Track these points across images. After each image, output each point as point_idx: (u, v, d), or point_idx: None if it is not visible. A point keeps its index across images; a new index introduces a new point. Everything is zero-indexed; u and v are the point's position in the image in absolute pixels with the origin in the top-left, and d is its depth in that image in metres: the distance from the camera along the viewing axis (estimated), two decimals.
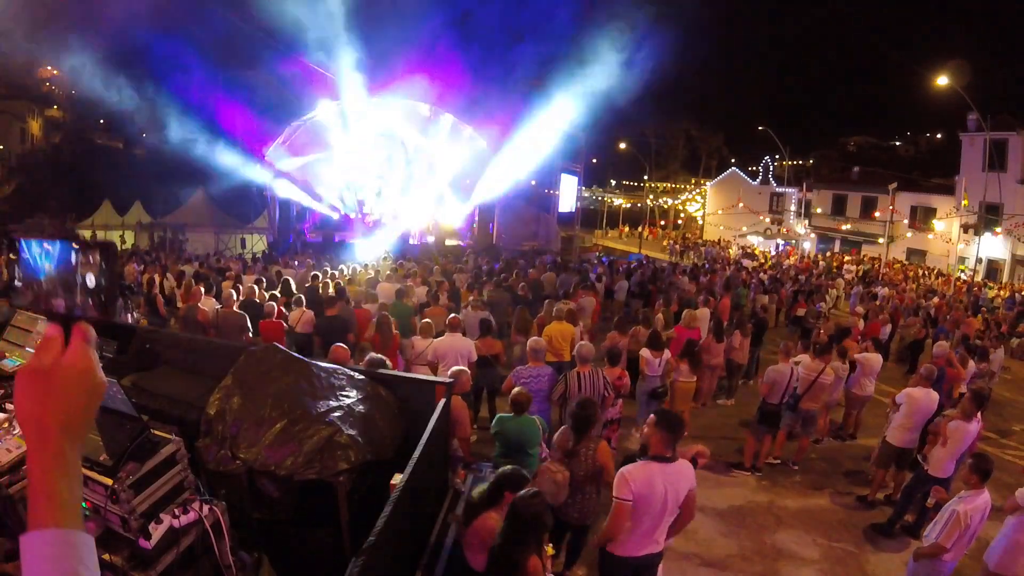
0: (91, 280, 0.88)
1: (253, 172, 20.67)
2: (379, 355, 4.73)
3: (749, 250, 31.62)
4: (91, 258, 0.90)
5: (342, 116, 19.86)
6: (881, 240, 25.04)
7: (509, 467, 2.69)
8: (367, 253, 16.95)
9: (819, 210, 33.75)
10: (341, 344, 5.00)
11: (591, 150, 40.84)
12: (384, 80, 19.09)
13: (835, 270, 23.76)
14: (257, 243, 23.27)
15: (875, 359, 7.22)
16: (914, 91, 32.76)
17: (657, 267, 17.04)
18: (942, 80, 18.80)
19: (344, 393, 3.15)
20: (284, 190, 22.13)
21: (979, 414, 5.35)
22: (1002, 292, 20.01)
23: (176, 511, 2.18)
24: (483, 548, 2.66)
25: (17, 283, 0.94)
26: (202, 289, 7.91)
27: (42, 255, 0.93)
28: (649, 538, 3.20)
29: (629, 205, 46.45)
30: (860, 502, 5.86)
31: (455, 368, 4.95)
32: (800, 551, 4.97)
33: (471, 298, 8.85)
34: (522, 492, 2.62)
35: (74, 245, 0.91)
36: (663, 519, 3.18)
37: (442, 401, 3.37)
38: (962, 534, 3.72)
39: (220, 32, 17.87)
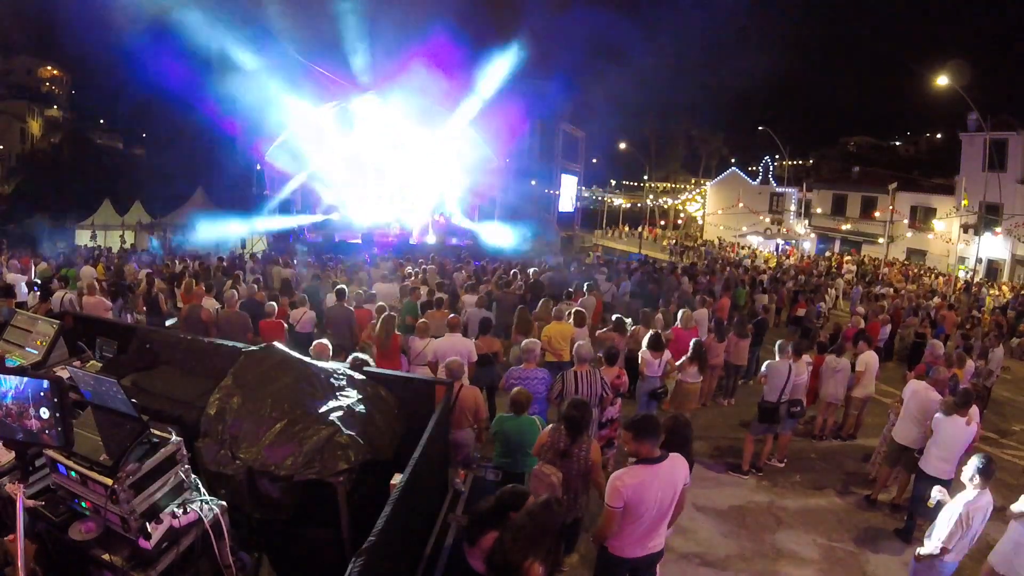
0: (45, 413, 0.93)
1: (253, 172, 20.66)
2: (362, 355, 4.74)
3: (747, 250, 31.58)
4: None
5: (343, 116, 19.87)
6: (881, 240, 25.02)
7: (509, 487, 2.66)
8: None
9: (819, 210, 33.72)
10: (323, 340, 5.01)
11: (591, 150, 40.88)
12: (385, 80, 19.11)
13: (835, 270, 23.75)
14: (257, 243, 23.24)
15: (871, 359, 7.21)
16: (914, 91, 32.71)
17: (657, 267, 17.03)
18: (942, 80, 18.77)
19: (344, 393, 3.15)
20: (284, 190, 22.08)
21: (975, 413, 5.33)
22: (1006, 292, 19.95)
23: (176, 511, 2.18)
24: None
25: None
26: (204, 288, 7.91)
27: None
28: (649, 538, 3.21)
29: (629, 205, 46.44)
30: (867, 502, 5.86)
31: (448, 359, 4.95)
32: (800, 551, 4.97)
33: (464, 297, 8.90)
34: (540, 499, 2.59)
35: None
36: (662, 520, 3.19)
37: (442, 402, 3.37)
38: (963, 535, 3.71)
39: (222, 32, 17.88)
